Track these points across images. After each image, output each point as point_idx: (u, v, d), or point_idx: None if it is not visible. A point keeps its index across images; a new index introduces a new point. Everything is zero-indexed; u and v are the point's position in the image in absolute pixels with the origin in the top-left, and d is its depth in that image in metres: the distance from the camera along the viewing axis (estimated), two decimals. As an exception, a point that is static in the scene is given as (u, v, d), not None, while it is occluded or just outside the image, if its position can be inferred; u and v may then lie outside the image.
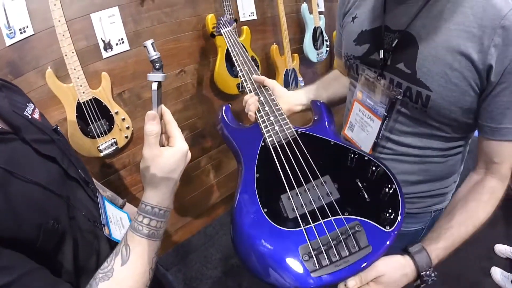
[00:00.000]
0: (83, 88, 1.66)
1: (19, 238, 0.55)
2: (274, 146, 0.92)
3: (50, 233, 0.62)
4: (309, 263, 0.69)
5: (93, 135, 1.76)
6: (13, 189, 0.58)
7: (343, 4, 1.09)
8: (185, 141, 0.70)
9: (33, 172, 0.63)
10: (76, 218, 0.72)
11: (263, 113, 1.02)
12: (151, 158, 0.65)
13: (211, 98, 2.50)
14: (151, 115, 0.67)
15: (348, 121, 1.10)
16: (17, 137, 0.66)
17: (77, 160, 0.86)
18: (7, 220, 0.54)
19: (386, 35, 0.91)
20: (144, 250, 0.65)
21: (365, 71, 0.98)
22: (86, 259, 0.73)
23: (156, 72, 0.68)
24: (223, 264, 2.41)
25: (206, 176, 2.70)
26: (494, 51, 0.73)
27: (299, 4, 2.92)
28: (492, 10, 0.73)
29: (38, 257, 0.57)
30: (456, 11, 0.78)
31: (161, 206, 0.67)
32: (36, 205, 0.61)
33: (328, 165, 0.86)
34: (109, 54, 1.88)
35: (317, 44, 3.05)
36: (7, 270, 0.51)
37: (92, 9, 1.77)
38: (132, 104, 2.06)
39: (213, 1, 2.27)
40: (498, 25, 0.72)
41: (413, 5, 0.85)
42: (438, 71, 0.80)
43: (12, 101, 0.75)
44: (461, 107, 0.82)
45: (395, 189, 0.78)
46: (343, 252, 0.70)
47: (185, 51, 2.23)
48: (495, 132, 0.81)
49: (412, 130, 0.94)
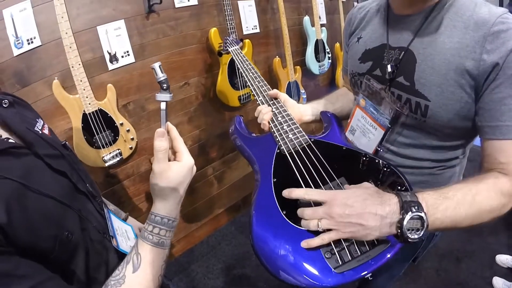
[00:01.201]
0: (89, 99, 1.69)
1: (36, 248, 0.58)
2: (290, 153, 0.96)
3: (65, 244, 0.65)
4: (332, 260, 0.72)
5: (98, 145, 1.79)
6: (30, 202, 0.60)
7: (348, 25, 1.17)
8: (190, 156, 0.74)
9: (46, 186, 0.66)
10: (87, 229, 0.76)
11: (277, 122, 1.08)
12: (160, 172, 0.69)
13: (214, 110, 2.53)
14: (160, 132, 0.71)
15: (349, 125, 1.15)
16: (30, 152, 0.69)
17: (85, 175, 0.89)
18: (26, 231, 0.57)
19: (388, 52, 0.97)
20: (154, 258, 0.69)
21: (370, 81, 1.03)
22: (97, 269, 0.76)
23: (163, 92, 0.73)
24: (225, 275, 2.42)
25: (209, 186, 2.72)
26: (487, 56, 0.79)
27: (301, 17, 2.97)
28: (481, 21, 0.81)
29: (52, 266, 0.60)
30: (449, 26, 0.86)
31: (169, 216, 0.71)
32: (52, 217, 0.64)
33: (343, 168, 0.89)
34: (115, 66, 1.92)
35: (319, 56, 3.09)
36: (26, 278, 0.53)
37: (98, 21, 1.82)
38: (136, 115, 2.09)
39: (217, 15, 2.32)
40: (488, 33, 0.79)
41: (412, 23, 0.92)
42: (435, 81, 0.86)
43: (23, 117, 0.78)
44: (458, 114, 0.86)
45: (407, 188, 0.80)
46: (363, 248, 0.73)
47: (189, 63, 2.28)
48: (495, 131, 0.82)
49: (411, 142, 0.98)
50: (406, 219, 0.68)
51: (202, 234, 2.76)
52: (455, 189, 0.77)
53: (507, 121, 0.80)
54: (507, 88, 0.79)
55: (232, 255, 2.55)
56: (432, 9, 0.89)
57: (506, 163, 0.81)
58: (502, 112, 0.80)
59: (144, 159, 2.20)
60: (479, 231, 2.59)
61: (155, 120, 2.19)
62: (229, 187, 2.87)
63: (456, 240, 2.53)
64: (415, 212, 0.68)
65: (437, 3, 0.88)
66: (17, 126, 0.71)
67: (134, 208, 2.21)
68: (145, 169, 2.22)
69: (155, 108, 2.16)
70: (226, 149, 2.72)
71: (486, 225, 0.79)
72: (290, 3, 2.89)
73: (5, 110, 0.74)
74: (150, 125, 2.17)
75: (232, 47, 1.51)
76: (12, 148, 0.65)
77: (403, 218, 0.68)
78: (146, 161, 2.22)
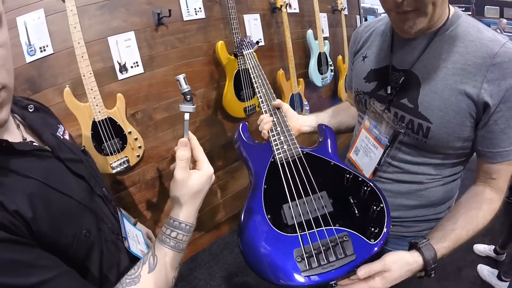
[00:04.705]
0: (99, 107, 1.74)
1: (56, 244, 0.62)
2: (282, 163, 1.04)
3: (82, 242, 0.69)
4: (301, 264, 0.82)
5: (106, 152, 1.83)
6: (52, 201, 0.65)
7: (354, 44, 1.20)
8: (210, 165, 0.78)
9: (67, 187, 0.71)
10: (103, 230, 0.80)
11: (275, 132, 1.14)
12: (182, 180, 0.72)
13: (220, 121, 2.59)
14: (183, 142, 0.73)
15: (354, 145, 1.18)
16: (52, 155, 0.74)
17: (101, 179, 0.94)
18: (48, 227, 0.61)
19: (392, 73, 1.01)
20: (169, 260, 0.72)
21: (374, 103, 1.07)
22: (109, 269, 0.79)
23: (187, 103, 0.76)
24: (227, 282, 2.44)
25: (213, 195, 2.76)
26: (488, 86, 0.82)
27: (304, 31, 3.05)
28: (484, 48, 0.83)
29: (69, 263, 0.63)
30: (453, 51, 0.88)
31: (187, 222, 0.74)
32: (72, 216, 0.68)
33: (326, 182, 0.98)
34: (124, 76, 1.98)
35: (322, 69, 3.15)
36: (47, 268, 0.57)
37: (109, 32, 1.89)
38: (144, 124, 2.14)
39: (223, 28, 2.40)
40: (490, 62, 0.81)
41: (416, 47, 0.95)
42: (438, 105, 0.89)
43: (47, 122, 0.83)
44: (459, 137, 0.90)
45: (383, 208, 0.89)
46: (331, 257, 0.82)
47: (196, 75, 2.34)
48: (496, 156, 0.89)
49: (411, 159, 1.02)
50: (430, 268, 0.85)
51: (205, 242, 2.78)
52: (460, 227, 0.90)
53: (507, 147, 0.87)
54: (507, 120, 0.84)
55: (234, 263, 2.57)
56: (435, 34, 0.91)
57: (496, 179, 0.93)
58: (502, 140, 0.87)
59: (151, 167, 2.25)
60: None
61: (162, 130, 2.24)
62: (232, 196, 2.91)
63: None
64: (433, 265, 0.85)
65: (440, 28, 0.90)
66: (42, 130, 0.76)
67: (140, 215, 2.25)
68: (151, 176, 2.27)
69: (162, 117, 2.22)
70: (230, 159, 2.76)
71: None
72: (294, 17, 2.98)
73: (31, 114, 0.79)
74: (157, 134, 2.22)
75: (247, 50, 1.55)
76: (36, 151, 0.69)
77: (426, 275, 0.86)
78: (152, 169, 2.26)
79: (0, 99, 0.55)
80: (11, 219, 0.55)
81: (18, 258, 0.53)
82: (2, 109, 0.56)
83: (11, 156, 0.62)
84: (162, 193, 2.37)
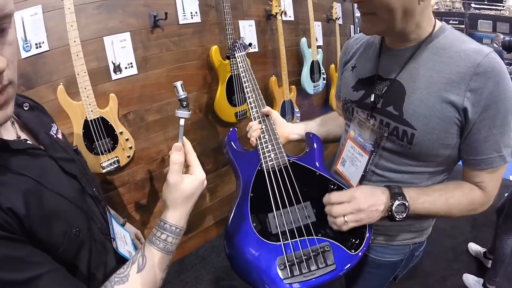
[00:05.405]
0: (92, 106, 1.75)
1: (47, 242, 0.63)
2: (268, 171, 1.07)
3: (72, 241, 0.70)
4: (283, 271, 0.87)
5: (97, 152, 1.84)
6: (45, 199, 0.66)
7: (344, 54, 1.23)
8: (203, 170, 0.79)
9: (59, 186, 0.72)
10: (92, 229, 0.81)
11: (263, 140, 1.15)
12: (174, 184, 0.73)
13: (211, 125, 2.60)
14: (178, 146, 0.75)
15: (341, 157, 1.20)
16: (46, 154, 0.75)
17: (92, 179, 0.95)
18: (40, 225, 0.62)
19: (379, 82, 1.03)
20: (158, 261, 0.73)
21: (358, 112, 1.09)
22: (97, 268, 0.80)
23: (183, 109, 0.78)
24: (214, 286, 2.44)
25: (201, 199, 2.75)
26: (470, 94, 0.85)
27: (298, 38, 3.10)
28: (468, 58, 0.86)
29: (58, 261, 0.65)
30: (438, 61, 0.91)
31: (177, 225, 0.75)
32: (63, 214, 0.69)
33: (311, 192, 1.02)
34: (118, 76, 1.99)
35: (314, 76, 3.19)
36: (39, 265, 0.59)
37: (105, 32, 1.91)
38: (136, 125, 2.15)
39: (218, 33, 2.42)
40: (473, 72, 0.84)
41: (402, 57, 0.98)
42: (422, 112, 0.91)
43: (41, 121, 0.84)
44: (443, 144, 0.93)
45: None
46: (312, 266, 0.88)
47: (190, 79, 2.36)
48: (480, 163, 0.92)
49: (396, 167, 1.03)
50: (394, 205, 0.90)
51: (192, 245, 2.78)
52: (434, 190, 0.97)
53: (490, 154, 0.90)
54: (490, 128, 0.86)
55: (222, 267, 2.57)
56: (420, 45, 0.93)
57: (483, 182, 0.95)
58: (486, 147, 0.89)
59: (141, 168, 2.25)
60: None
61: (153, 131, 2.25)
62: (221, 200, 2.92)
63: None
64: (400, 200, 0.90)
65: (425, 38, 0.93)
66: (37, 129, 0.77)
67: (128, 215, 2.25)
68: (141, 177, 2.27)
69: (154, 119, 2.23)
70: (220, 163, 2.77)
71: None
72: (288, 25, 3.02)
73: (26, 112, 0.80)
74: (148, 135, 2.23)
75: (239, 52, 1.53)
76: (30, 149, 0.70)
77: (392, 204, 0.90)
78: (143, 170, 2.27)
79: (8, 95, 0.56)
80: (5, 216, 0.56)
81: (11, 254, 0.55)
82: (8, 105, 0.57)
83: (6, 154, 0.63)
84: (152, 194, 2.37)
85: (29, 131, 0.77)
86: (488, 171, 0.92)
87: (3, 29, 0.53)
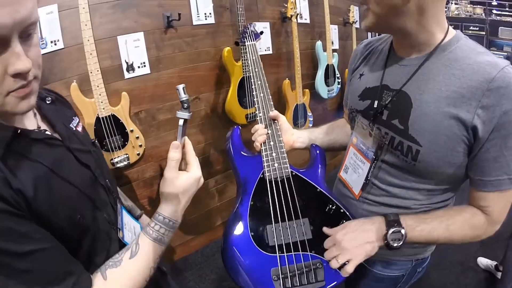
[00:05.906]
0: (104, 104, 1.79)
1: (51, 225, 0.67)
2: (271, 181, 1.07)
3: (75, 226, 0.74)
4: (277, 283, 0.91)
5: (107, 148, 1.88)
6: (54, 186, 0.70)
7: (353, 61, 1.20)
8: (199, 169, 0.84)
9: (71, 175, 0.76)
10: (98, 218, 0.85)
11: (268, 147, 1.14)
12: (170, 179, 0.79)
13: (222, 125, 2.61)
14: (175, 145, 0.80)
15: (344, 164, 1.18)
16: (63, 144, 0.79)
17: (107, 171, 0.99)
18: (45, 208, 0.66)
19: (385, 93, 0.98)
20: (150, 251, 0.78)
21: (360, 119, 1.07)
22: (98, 255, 0.84)
23: (183, 111, 0.82)
24: (217, 285, 2.46)
25: (210, 199, 2.79)
26: (482, 111, 0.78)
27: (314, 41, 3.08)
28: (481, 71, 0.79)
29: (61, 243, 0.69)
30: (448, 73, 0.84)
31: (171, 218, 0.81)
32: (70, 201, 0.74)
33: (310, 209, 1.03)
34: (131, 75, 2.02)
35: (328, 81, 3.17)
36: (41, 241, 0.63)
37: (119, 32, 1.94)
38: (147, 124, 2.18)
39: (232, 35, 2.43)
40: (486, 87, 0.77)
41: (410, 67, 0.92)
42: (429, 128, 0.86)
43: (62, 114, 0.90)
44: (450, 162, 0.87)
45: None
46: (303, 281, 0.92)
47: (202, 79, 2.38)
48: (487, 184, 0.86)
49: (400, 183, 1.00)
50: (389, 232, 0.90)
51: (197, 244, 2.80)
52: (433, 216, 0.94)
53: (499, 176, 0.84)
54: (501, 148, 0.80)
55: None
56: (430, 55, 0.88)
57: (489, 206, 0.90)
58: (495, 168, 0.83)
59: (150, 166, 2.28)
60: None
61: (164, 130, 2.28)
62: (229, 201, 2.93)
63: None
64: (395, 227, 0.90)
65: (435, 49, 0.87)
66: (55, 121, 0.82)
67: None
68: (150, 175, 2.30)
69: (165, 118, 2.26)
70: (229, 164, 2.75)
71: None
72: (304, 27, 3.01)
73: (47, 105, 0.86)
74: (159, 134, 2.26)
75: (250, 41, 1.39)
76: (47, 139, 0.75)
77: (387, 232, 0.90)
78: (152, 168, 2.30)
79: (32, 88, 0.62)
80: (14, 195, 0.60)
81: (15, 227, 0.59)
82: (31, 97, 0.63)
83: (26, 143, 0.69)
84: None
85: (49, 122, 0.82)
86: (495, 194, 0.86)
87: (30, 34, 0.60)
